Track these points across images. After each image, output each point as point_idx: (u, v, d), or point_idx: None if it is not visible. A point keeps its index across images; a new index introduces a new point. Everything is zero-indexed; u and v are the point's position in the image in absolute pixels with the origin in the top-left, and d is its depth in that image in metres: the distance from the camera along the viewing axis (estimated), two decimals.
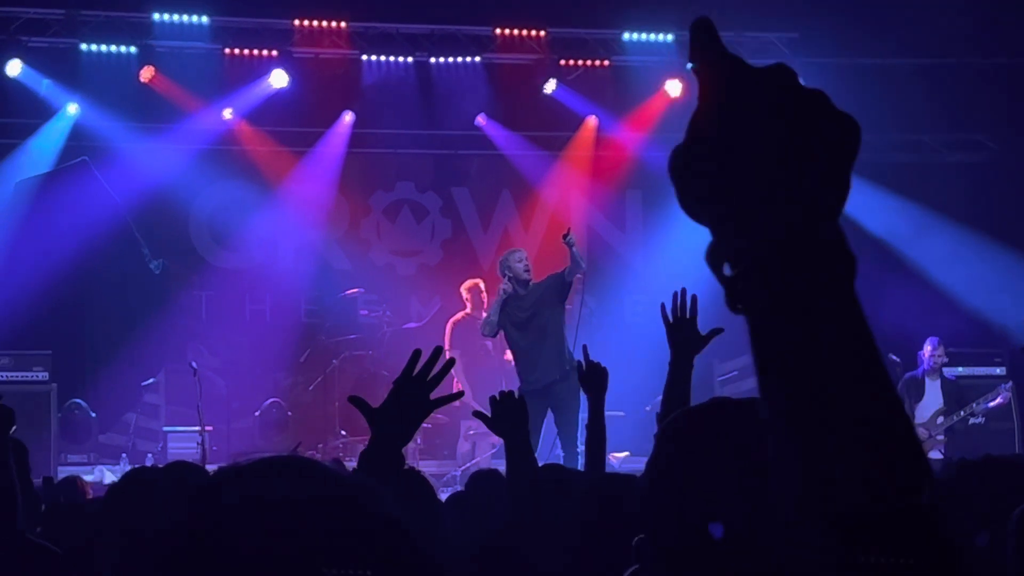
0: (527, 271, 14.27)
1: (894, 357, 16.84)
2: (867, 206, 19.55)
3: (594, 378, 6.32)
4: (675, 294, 5.49)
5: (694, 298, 5.33)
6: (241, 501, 1.61)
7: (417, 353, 4.22)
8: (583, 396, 7.44)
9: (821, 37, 19.02)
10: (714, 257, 1.54)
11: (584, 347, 6.86)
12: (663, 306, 5.57)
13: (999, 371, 17.57)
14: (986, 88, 19.01)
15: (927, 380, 16.42)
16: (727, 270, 1.52)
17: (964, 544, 3.84)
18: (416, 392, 4.31)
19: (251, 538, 1.57)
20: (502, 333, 14.56)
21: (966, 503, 4.87)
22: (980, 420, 16.36)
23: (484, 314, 16.50)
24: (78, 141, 18.19)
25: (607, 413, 6.42)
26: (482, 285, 16.67)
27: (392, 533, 1.65)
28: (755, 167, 1.46)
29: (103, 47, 18.25)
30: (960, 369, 17.17)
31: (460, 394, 4.60)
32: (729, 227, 1.51)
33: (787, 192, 1.45)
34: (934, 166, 19.72)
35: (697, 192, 1.51)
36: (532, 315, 14.23)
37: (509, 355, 16.49)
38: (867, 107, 19.00)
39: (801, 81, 1.52)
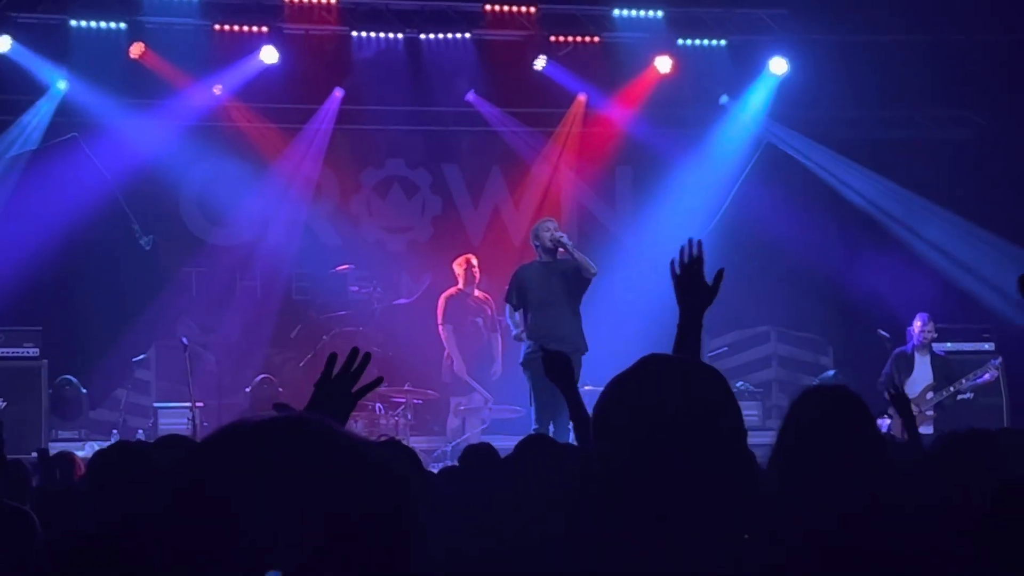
0: (552, 240, 14.37)
1: (883, 332, 16.90)
2: (856, 182, 19.62)
3: (556, 367, 6.21)
4: (682, 248, 5.18)
5: (699, 244, 5.09)
6: (243, 457, 1.63)
7: (333, 356, 4.35)
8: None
9: (810, 13, 19.02)
10: None
11: (542, 345, 6.76)
12: (672, 262, 5.13)
13: (988, 347, 17.64)
14: (974, 64, 19.01)
15: (917, 355, 16.48)
16: None
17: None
18: (337, 390, 4.39)
19: (252, 492, 1.59)
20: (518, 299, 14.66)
21: (953, 475, 4.91)
22: (969, 396, 16.43)
23: (475, 290, 16.56)
24: (67, 117, 18.17)
25: (598, 389, 6.40)
26: (474, 260, 16.69)
27: (397, 490, 1.67)
28: None
29: (92, 23, 18.20)
30: (949, 345, 17.24)
31: (379, 380, 4.64)
32: None
33: None
34: (922, 142, 19.73)
35: None
36: (554, 282, 14.31)
37: (500, 334, 16.56)
38: (855, 83, 19.15)
39: None
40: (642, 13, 19.25)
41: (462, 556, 5.17)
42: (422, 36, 19.11)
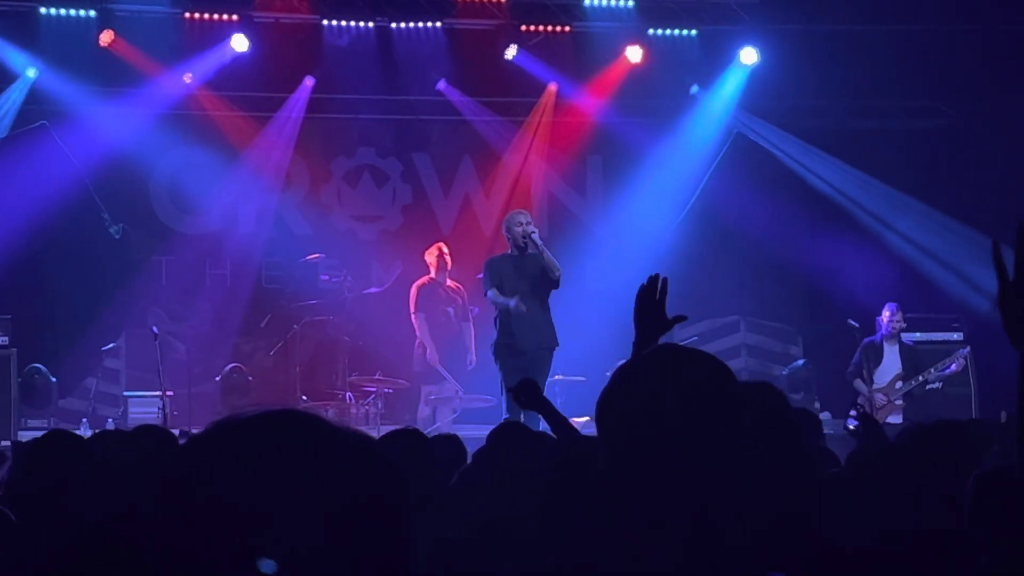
0: (523, 236, 14.21)
1: (852, 322, 16.96)
2: (826, 171, 19.66)
3: (526, 396, 6.27)
4: (649, 278, 5.46)
5: (665, 281, 5.33)
6: (240, 451, 1.64)
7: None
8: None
9: (780, 3, 19.06)
10: None
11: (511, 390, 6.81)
12: (641, 288, 5.53)
13: (956, 336, 17.70)
14: (943, 54, 19.08)
15: (885, 345, 16.55)
16: None
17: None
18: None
19: (246, 488, 1.59)
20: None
21: (923, 467, 4.93)
22: (937, 385, 16.50)
23: (447, 279, 16.58)
24: (37, 105, 18.10)
25: (569, 378, 6.43)
26: (446, 249, 16.70)
27: (392, 484, 1.68)
28: None
29: (62, 11, 18.14)
30: (918, 334, 17.29)
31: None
32: None
33: None
34: (892, 131, 19.82)
35: None
36: (524, 276, 14.23)
37: (471, 324, 16.57)
38: (825, 73, 19.18)
39: None
40: (613, 2, 19.27)
41: (443, 548, 5.18)
42: (393, 25, 19.09)
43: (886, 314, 16.59)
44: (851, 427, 14.57)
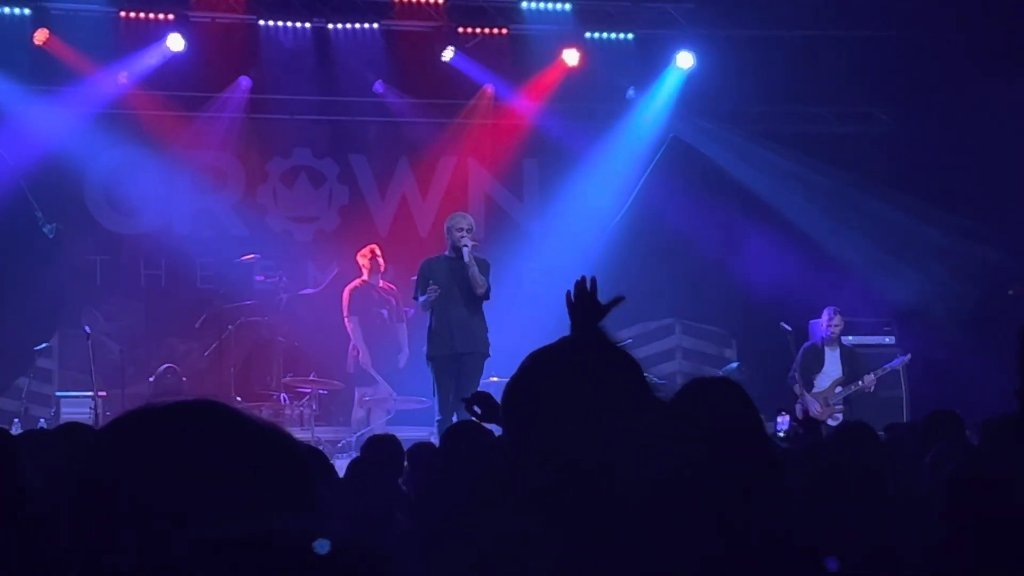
0: (459, 244, 14.21)
1: (785, 326, 17.05)
2: (760, 176, 19.76)
3: (482, 405, 6.32)
4: (576, 283, 5.51)
5: (594, 279, 5.41)
6: (151, 443, 1.65)
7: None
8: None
9: (716, 7, 19.15)
10: None
11: (466, 402, 6.85)
12: (568, 293, 5.58)
13: (889, 340, 17.84)
14: (880, 60, 19.21)
15: (826, 349, 16.66)
16: None
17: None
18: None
19: (158, 479, 1.61)
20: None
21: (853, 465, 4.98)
22: (870, 388, 16.61)
23: (380, 281, 16.59)
24: None
25: (504, 380, 6.43)
26: (378, 251, 16.71)
27: (304, 477, 1.70)
28: None
29: None
30: (852, 338, 17.42)
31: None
32: None
33: None
34: (827, 137, 19.92)
35: None
36: (458, 279, 14.24)
37: (405, 325, 16.58)
38: (761, 78, 19.27)
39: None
40: (550, 6, 19.32)
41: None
42: (330, 26, 19.06)
43: (825, 318, 16.70)
44: (780, 432, 14.65)
